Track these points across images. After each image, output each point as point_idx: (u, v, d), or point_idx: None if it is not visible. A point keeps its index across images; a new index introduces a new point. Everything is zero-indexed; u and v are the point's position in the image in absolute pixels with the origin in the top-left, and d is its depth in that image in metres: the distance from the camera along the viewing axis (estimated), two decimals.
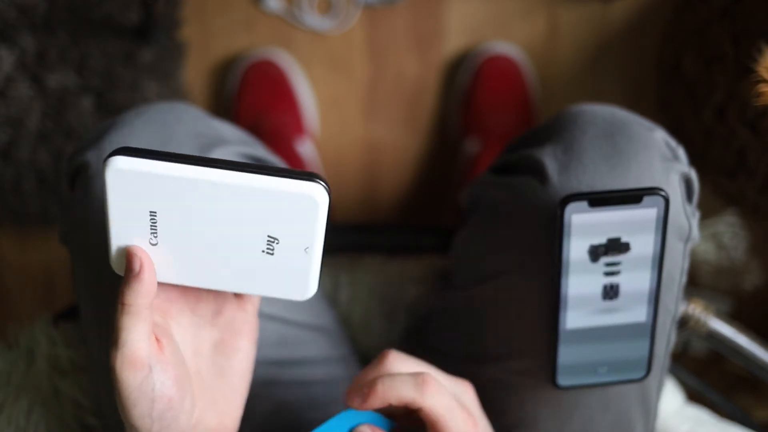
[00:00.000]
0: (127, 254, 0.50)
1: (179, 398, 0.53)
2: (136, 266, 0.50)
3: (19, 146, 1.18)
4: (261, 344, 0.71)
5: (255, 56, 1.31)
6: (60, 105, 1.17)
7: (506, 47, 1.32)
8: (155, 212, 0.49)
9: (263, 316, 0.71)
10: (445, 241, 0.84)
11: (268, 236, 0.49)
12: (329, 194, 0.48)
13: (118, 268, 0.52)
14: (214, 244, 0.50)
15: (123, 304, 0.50)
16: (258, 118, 1.29)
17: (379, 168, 1.38)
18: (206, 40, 1.34)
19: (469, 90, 1.31)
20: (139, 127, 0.69)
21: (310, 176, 0.47)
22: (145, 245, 0.50)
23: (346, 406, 0.54)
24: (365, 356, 0.87)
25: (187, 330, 0.56)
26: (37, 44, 1.15)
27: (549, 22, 1.34)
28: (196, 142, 0.70)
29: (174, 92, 1.27)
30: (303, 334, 0.75)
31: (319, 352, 0.76)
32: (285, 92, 1.31)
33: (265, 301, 0.71)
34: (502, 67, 1.30)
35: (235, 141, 0.74)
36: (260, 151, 0.77)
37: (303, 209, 0.47)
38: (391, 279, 0.89)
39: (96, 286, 0.68)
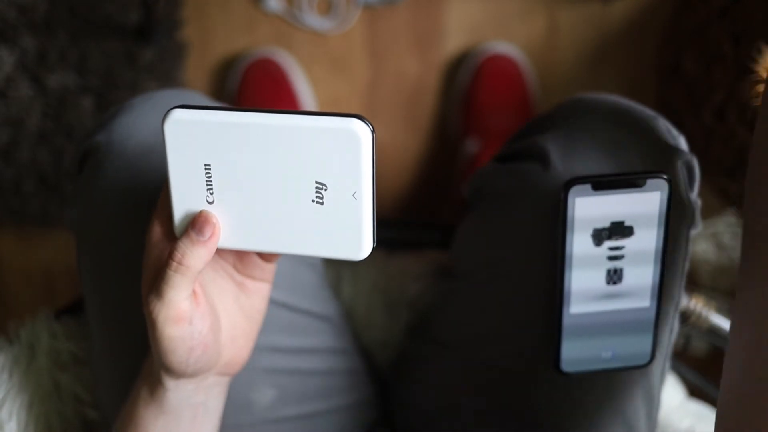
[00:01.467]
0: (200, 219, 0.51)
1: (213, 342, 0.55)
2: (208, 233, 0.51)
3: (19, 146, 1.18)
4: (266, 329, 0.71)
5: (255, 56, 1.31)
6: (60, 105, 1.18)
7: (506, 47, 1.32)
8: (209, 165, 0.49)
9: (270, 302, 0.71)
10: (446, 236, 0.84)
11: (317, 182, 0.48)
12: (373, 132, 0.47)
13: (180, 232, 0.52)
14: (266, 197, 0.50)
15: (180, 264, 0.50)
16: None
17: (379, 168, 1.38)
18: (206, 40, 1.34)
19: (469, 90, 1.31)
20: (147, 110, 0.69)
21: (353, 115, 0.47)
22: (203, 205, 0.51)
23: None
24: (367, 350, 0.87)
25: (215, 276, 0.57)
26: (37, 44, 1.15)
27: (549, 22, 1.34)
28: None
29: None
30: (309, 323, 0.75)
31: (322, 343, 0.76)
32: (285, 92, 1.31)
33: (273, 286, 0.70)
34: (502, 67, 1.30)
35: None
36: None
37: (346, 147, 0.46)
38: (392, 274, 0.89)
39: (100, 274, 0.68)
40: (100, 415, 0.78)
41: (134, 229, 0.66)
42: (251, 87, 1.30)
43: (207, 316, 0.54)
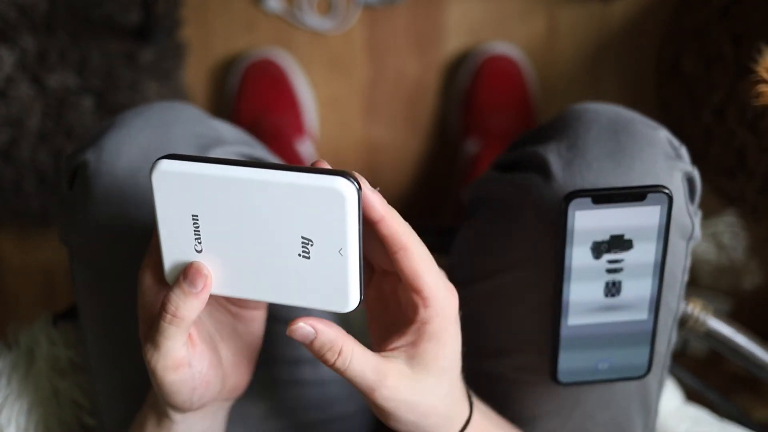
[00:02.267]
0: (192, 270, 0.51)
1: (215, 376, 0.55)
2: (200, 285, 0.50)
3: (19, 146, 1.18)
4: None
5: (255, 56, 1.31)
6: (60, 105, 1.18)
7: (506, 47, 1.32)
8: (197, 216, 0.49)
9: None
10: (445, 240, 0.84)
11: (303, 237, 0.48)
12: (359, 190, 0.47)
13: (171, 279, 0.53)
14: (253, 249, 0.50)
15: (174, 316, 0.50)
16: (258, 118, 1.29)
17: (379, 168, 1.38)
18: (206, 40, 1.34)
19: (469, 90, 1.31)
20: (138, 127, 0.69)
21: (339, 172, 0.46)
22: (191, 253, 0.51)
23: None
24: None
25: (210, 310, 0.57)
26: (37, 44, 1.15)
27: (549, 22, 1.34)
28: (195, 142, 0.70)
29: (174, 92, 1.27)
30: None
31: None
32: (285, 92, 1.31)
33: None
34: (502, 67, 1.30)
35: (234, 141, 0.75)
36: (259, 151, 0.77)
37: (331, 205, 0.46)
38: None
39: (95, 285, 0.68)
40: (98, 421, 0.79)
41: (125, 245, 0.66)
42: (251, 87, 1.30)
43: (205, 354, 0.54)
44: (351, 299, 0.50)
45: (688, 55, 1.19)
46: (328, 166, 0.49)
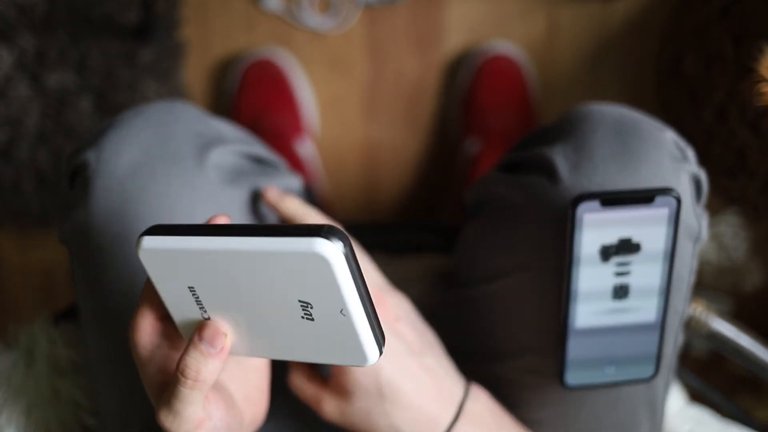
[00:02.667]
0: (211, 330, 0.48)
1: (233, 417, 0.54)
2: (219, 344, 0.48)
3: (18, 146, 1.18)
4: None
5: (255, 56, 1.31)
6: (60, 105, 1.17)
7: (506, 47, 1.32)
8: (193, 287, 0.48)
9: None
10: (447, 240, 0.84)
11: (300, 301, 0.45)
12: (345, 246, 0.42)
13: (186, 335, 0.51)
14: (258, 314, 0.47)
15: (196, 380, 0.48)
16: (258, 117, 1.29)
17: (379, 168, 1.38)
18: (206, 40, 1.33)
19: (469, 90, 1.31)
20: (138, 127, 0.68)
21: (317, 230, 0.42)
22: (200, 319, 0.49)
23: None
24: None
25: None
26: (36, 44, 1.15)
27: (549, 22, 1.34)
28: (195, 141, 0.70)
29: (174, 92, 1.27)
30: None
31: None
32: (285, 92, 1.31)
33: None
34: (502, 66, 1.30)
35: (235, 140, 0.74)
36: (259, 149, 0.77)
37: (316, 269, 0.42)
38: (392, 278, 0.89)
39: (95, 285, 0.68)
40: (98, 422, 0.78)
41: (125, 245, 0.66)
42: (251, 87, 1.30)
43: (220, 400, 0.53)
44: (369, 354, 0.46)
45: (689, 55, 1.19)
46: (307, 215, 0.47)
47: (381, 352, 0.47)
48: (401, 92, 1.35)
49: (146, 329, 0.52)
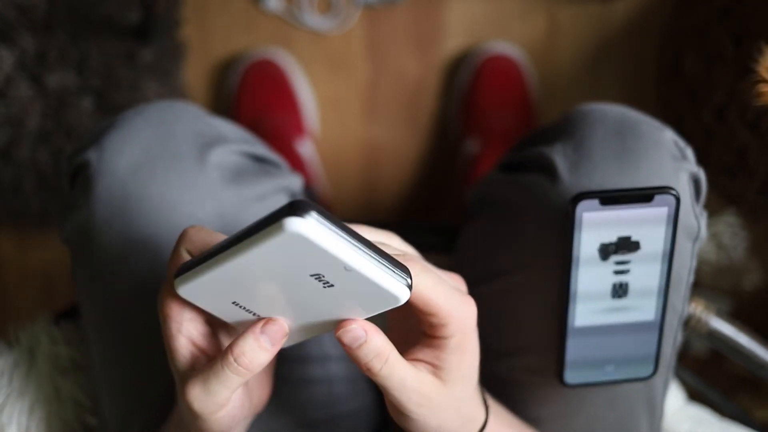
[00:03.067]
0: (276, 327, 0.50)
1: (247, 399, 0.55)
2: (278, 342, 0.50)
3: (19, 146, 1.18)
4: None
5: (255, 56, 1.31)
6: (60, 105, 1.17)
7: (506, 47, 1.32)
8: (236, 302, 0.50)
9: None
10: (447, 240, 0.84)
11: (312, 275, 0.47)
12: (308, 211, 0.43)
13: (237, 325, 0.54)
14: (292, 303, 0.50)
15: (247, 369, 0.49)
16: (258, 117, 1.29)
17: (379, 168, 1.38)
18: (206, 40, 1.34)
19: (469, 90, 1.31)
20: (138, 126, 0.69)
21: (280, 213, 0.43)
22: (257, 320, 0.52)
23: None
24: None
25: (231, 333, 0.57)
26: (37, 44, 1.15)
27: (549, 22, 1.34)
28: (196, 140, 0.70)
29: (174, 92, 1.27)
30: None
31: (320, 351, 0.76)
32: (285, 92, 1.31)
33: None
34: (502, 67, 1.30)
35: (235, 139, 0.74)
36: (260, 149, 0.77)
37: (299, 245, 0.44)
38: None
39: (96, 285, 0.68)
40: (99, 421, 0.78)
41: (126, 245, 0.66)
42: (251, 87, 1.30)
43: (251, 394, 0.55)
44: (398, 293, 0.48)
45: (689, 55, 1.19)
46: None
47: (410, 286, 0.48)
48: (401, 92, 1.36)
49: (178, 300, 0.52)
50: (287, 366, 0.73)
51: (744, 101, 1.05)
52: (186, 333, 0.52)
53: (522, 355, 0.70)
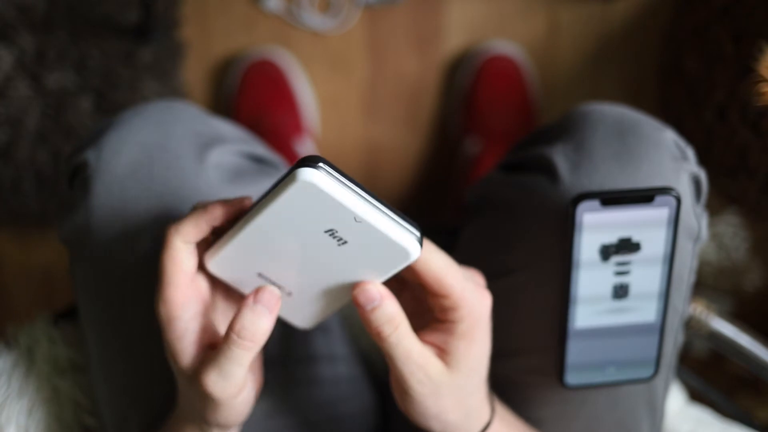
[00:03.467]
0: (266, 293, 0.52)
1: (255, 383, 0.56)
2: (274, 305, 0.51)
3: (18, 146, 1.18)
4: None
5: (255, 56, 1.31)
6: (59, 105, 1.17)
7: (506, 47, 1.32)
8: (261, 273, 0.53)
9: None
10: (448, 240, 0.84)
11: (326, 231, 0.49)
12: (319, 163, 0.47)
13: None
14: (311, 266, 0.52)
15: (252, 341, 0.50)
16: (258, 117, 1.29)
17: (379, 168, 1.38)
18: (206, 40, 1.33)
19: (470, 90, 1.31)
20: (137, 126, 0.68)
21: (295, 166, 0.47)
22: (284, 297, 0.55)
23: None
24: (366, 356, 0.86)
25: (227, 312, 0.58)
26: (36, 44, 1.15)
27: (549, 21, 1.34)
28: (195, 140, 0.70)
29: (173, 92, 1.27)
30: (305, 332, 0.75)
31: (320, 351, 0.76)
32: (285, 92, 1.31)
33: None
34: (502, 66, 1.30)
35: (234, 139, 0.74)
36: (259, 149, 0.77)
37: (312, 196, 0.47)
38: (392, 277, 0.89)
39: (95, 285, 0.68)
40: (98, 421, 0.78)
41: (125, 244, 0.66)
42: (251, 87, 1.30)
43: (256, 368, 0.56)
44: (410, 247, 0.50)
45: (689, 54, 1.19)
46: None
47: (420, 241, 0.50)
48: (401, 92, 1.35)
49: (180, 298, 0.53)
50: (289, 365, 0.73)
51: (745, 101, 1.05)
52: (192, 330, 0.53)
53: (522, 355, 0.70)
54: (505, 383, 0.71)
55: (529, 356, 0.69)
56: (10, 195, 1.23)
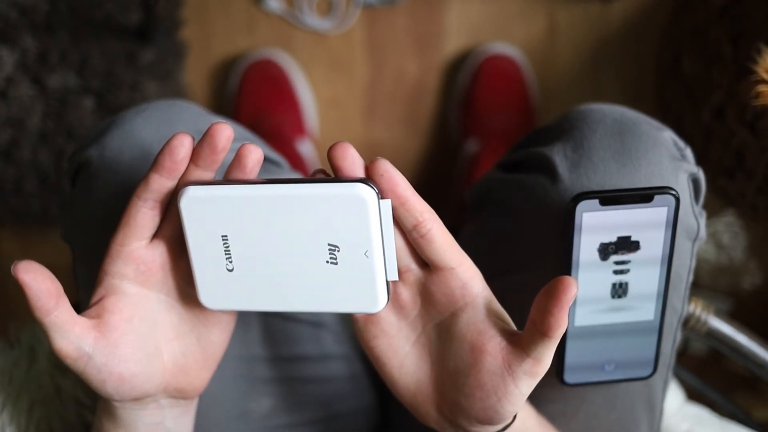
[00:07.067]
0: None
1: (132, 375, 0.54)
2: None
3: (20, 146, 1.18)
4: (261, 339, 0.71)
5: (255, 56, 1.31)
6: (61, 105, 1.18)
7: (506, 47, 1.32)
8: (226, 236, 0.51)
9: (263, 313, 0.71)
10: None
11: (329, 245, 0.50)
12: (378, 195, 0.49)
13: (207, 302, 0.55)
14: (283, 262, 0.52)
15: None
16: (258, 118, 1.29)
17: None
18: (207, 41, 1.34)
19: (469, 90, 1.31)
20: (139, 125, 0.69)
21: (358, 179, 0.48)
22: (222, 272, 0.53)
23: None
24: (366, 355, 0.87)
25: (158, 308, 0.57)
26: (38, 45, 1.16)
27: (548, 22, 1.34)
28: (197, 139, 0.70)
29: (174, 92, 1.27)
30: (305, 331, 0.75)
31: (320, 350, 0.76)
32: (285, 92, 1.31)
33: None
34: (502, 67, 1.30)
35: (236, 138, 0.75)
36: (262, 148, 0.77)
37: (354, 210, 0.48)
38: None
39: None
40: None
41: None
42: (251, 87, 1.30)
43: (115, 350, 0.54)
44: (379, 299, 0.52)
45: (688, 55, 1.19)
46: (354, 173, 0.50)
47: (388, 300, 0.53)
48: (401, 92, 1.36)
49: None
50: (283, 366, 0.73)
51: (743, 101, 1.05)
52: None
53: None
54: None
55: None
56: (12, 195, 1.23)
